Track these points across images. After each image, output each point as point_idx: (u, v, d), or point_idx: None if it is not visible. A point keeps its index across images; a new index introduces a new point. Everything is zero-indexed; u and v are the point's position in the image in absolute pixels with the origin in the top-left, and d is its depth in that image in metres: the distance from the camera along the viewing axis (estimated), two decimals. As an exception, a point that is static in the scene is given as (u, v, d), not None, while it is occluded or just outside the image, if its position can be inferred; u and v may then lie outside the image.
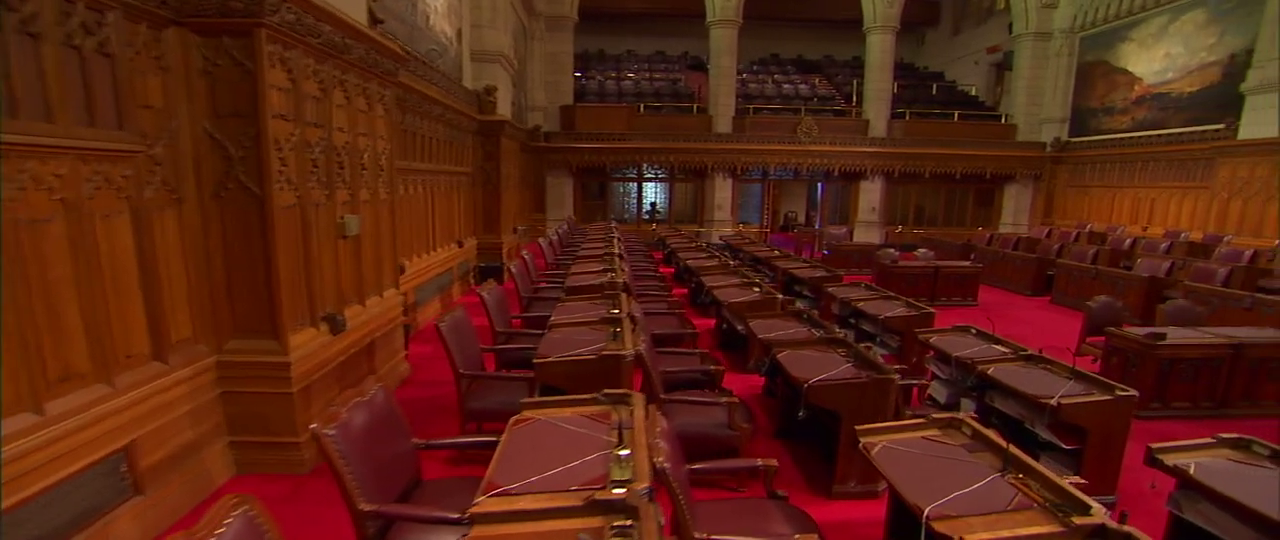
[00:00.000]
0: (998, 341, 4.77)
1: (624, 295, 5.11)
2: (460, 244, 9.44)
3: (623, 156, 16.71)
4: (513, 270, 6.23)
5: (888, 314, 5.88)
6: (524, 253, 7.39)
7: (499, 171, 10.34)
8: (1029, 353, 4.40)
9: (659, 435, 2.42)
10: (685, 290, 9.74)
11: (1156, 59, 14.38)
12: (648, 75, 20.66)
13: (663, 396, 3.64)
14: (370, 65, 4.59)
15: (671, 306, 6.62)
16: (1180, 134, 13.66)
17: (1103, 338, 5.57)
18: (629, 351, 3.51)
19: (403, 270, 6.78)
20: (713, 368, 4.36)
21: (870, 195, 17.15)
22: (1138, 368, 5.14)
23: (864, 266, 12.48)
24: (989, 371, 4.16)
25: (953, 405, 4.94)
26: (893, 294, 6.66)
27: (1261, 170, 11.74)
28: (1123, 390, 3.62)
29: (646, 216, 18.11)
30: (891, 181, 17.22)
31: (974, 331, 5.09)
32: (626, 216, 18.18)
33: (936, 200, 17.96)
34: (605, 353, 3.49)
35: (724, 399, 3.58)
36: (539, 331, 4.61)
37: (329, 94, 4.07)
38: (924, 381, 4.37)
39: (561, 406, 2.80)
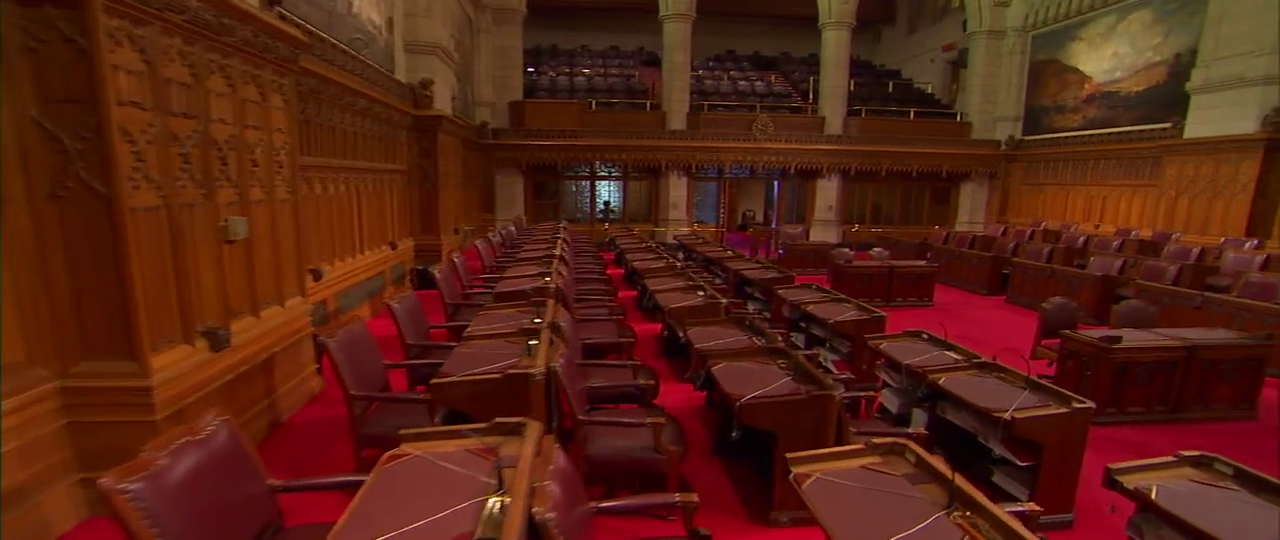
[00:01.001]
0: (950, 347, 4.53)
1: (552, 302, 4.74)
2: (394, 246, 8.94)
3: (574, 154, 16.31)
4: (437, 275, 5.80)
5: (838, 318, 5.63)
6: (454, 255, 6.96)
7: (437, 169, 9.86)
8: (982, 360, 4.17)
9: (550, 475, 2.06)
10: (634, 293, 9.41)
11: (1105, 58, 14.58)
12: (601, 71, 20.27)
13: (582, 418, 3.29)
14: (262, 50, 4.13)
15: (613, 312, 6.28)
16: (1129, 132, 13.85)
17: (1058, 340, 5.41)
18: (538, 369, 3.14)
19: (319, 276, 6.30)
20: (644, 382, 4.02)
21: (827, 194, 17.07)
22: (1093, 372, 4.98)
23: (820, 266, 12.31)
24: (940, 381, 3.92)
25: (904, 416, 4.70)
26: (844, 296, 6.43)
27: (1206, 169, 11.93)
28: (1079, 402, 3.39)
29: (600, 216, 17.73)
30: (848, 180, 17.17)
31: (926, 336, 4.85)
32: (580, 216, 17.78)
33: (893, 199, 17.98)
34: (512, 371, 3.12)
35: (650, 419, 3.24)
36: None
37: (203, 80, 3.61)
38: (868, 393, 4.10)
39: (445, 439, 2.43)
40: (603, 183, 17.88)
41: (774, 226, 16.67)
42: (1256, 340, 5.22)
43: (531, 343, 3.65)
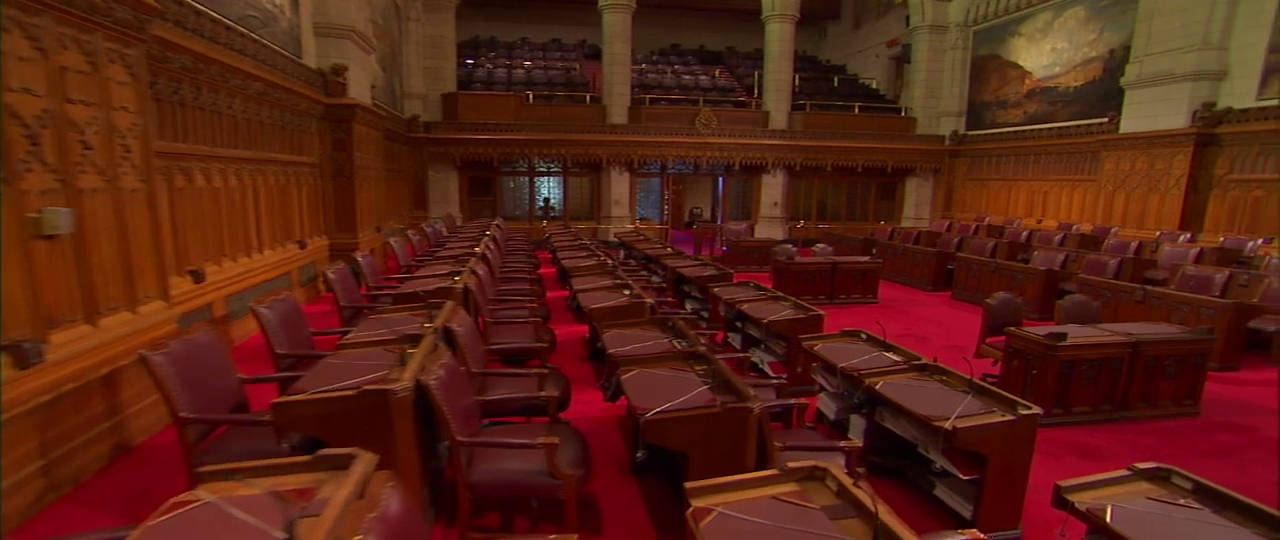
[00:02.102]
0: (890, 348, 4.21)
1: (451, 305, 4.25)
2: (303, 245, 8.27)
3: (511, 149, 15.72)
4: (330, 276, 5.23)
5: (772, 317, 5.28)
6: (361, 255, 6.38)
7: (352, 162, 9.19)
8: (923, 362, 3.85)
9: (372, 525, 1.60)
10: (567, 293, 8.93)
11: (1044, 54, 14.75)
12: (542, 64, 19.72)
13: (462, 439, 2.82)
14: (87, 10, 3.53)
15: (533, 314, 5.81)
16: (1067, 127, 14.03)
17: (1003, 338, 5.16)
18: (403, 383, 2.66)
19: (200, 277, 5.66)
20: (548, 393, 3.56)
21: (772, 189, 16.89)
22: (1039, 371, 4.74)
23: (764, 263, 12.09)
24: (877, 386, 3.58)
25: (842, 423, 4.37)
26: (781, 294, 6.09)
27: (1141, 163, 12.10)
28: (1026, 407, 3.09)
29: (540, 214, 17.18)
30: (793, 175, 17.03)
31: (864, 336, 4.53)
32: (519, 214, 17.19)
33: (839, 195, 17.93)
34: (369, 386, 2.63)
35: (541, 439, 2.79)
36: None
37: (-3, 40, 3.00)
38: (796, 401, 3.74)
39: (258, 477, 1.93)
40: (542, 179, 17.33)
41: (718, 223, 16.38)
42: (1199, 334, 5.07)
43: (407, 351, 3.16)
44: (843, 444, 3.07)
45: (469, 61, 19.25)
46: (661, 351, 3.75)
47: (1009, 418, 3.03)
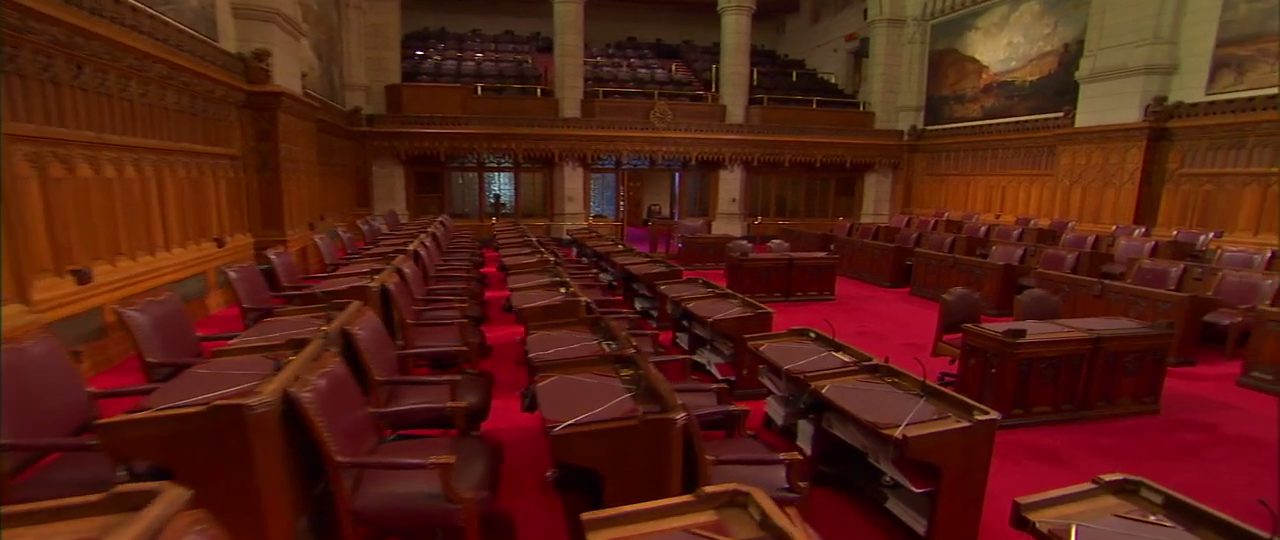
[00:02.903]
0: (840, 348, 3.95)
1: (356, 306, 3.85)
2: (221, 243, 7.72)
3: (459, 143, 15.22)
4: (230, 276, 4.77)
5: (718, 316, 4.99)
6: (271, 253, 5.91)
7: (278, 155, 8.65)
8: (874, 363, 3.59)
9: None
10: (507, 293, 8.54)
11: (1000, 48, 14.84)
12: (494, 56, 19.26)
13: (342, 460, 2.44)
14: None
15: (463, 315, 5.42)
16: (1024, 122, 14.12)
17: (960, 335, 4.96)
18: (262, 399, 2.28)
19: (85, 278, 5.14)
20: (457, 403, 3.20)
21: (730, 185, 16.69)
22: (998, 369, 4.54)
23: (720, 261, 11.83)
24: (824, 390, 3.30)
25: (790, 429, 4.10)
26: (730, 292, 5.81)
27: (1097, 157, 12.20)
28: (982, 413, 2.83)
29: (491, 211, 16.69)
30: (751, 171, 16.86)
31: (813, 335, 4.27)
32: (469, 211, 16.67)
33: (798, 191, 17.84)
34: (221, 402, 2.24)
35: (434, 458, 2.43)
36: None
37: None
38: (741, 408, 3.44)
39: (41, 522, 1.54)
40: (493, 175, 16.85)
41: (675, 219, 16.12)
42: (1159, 329, 4.94)
43: (288, 358, 2.77)
44: (783, 456, 2.78)
45: (418, 52, 18.70)
46: (588, 355, 3.42)
47: (964, 424, 2.77)
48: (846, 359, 3.73)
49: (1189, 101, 11.01)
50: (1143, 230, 10.96)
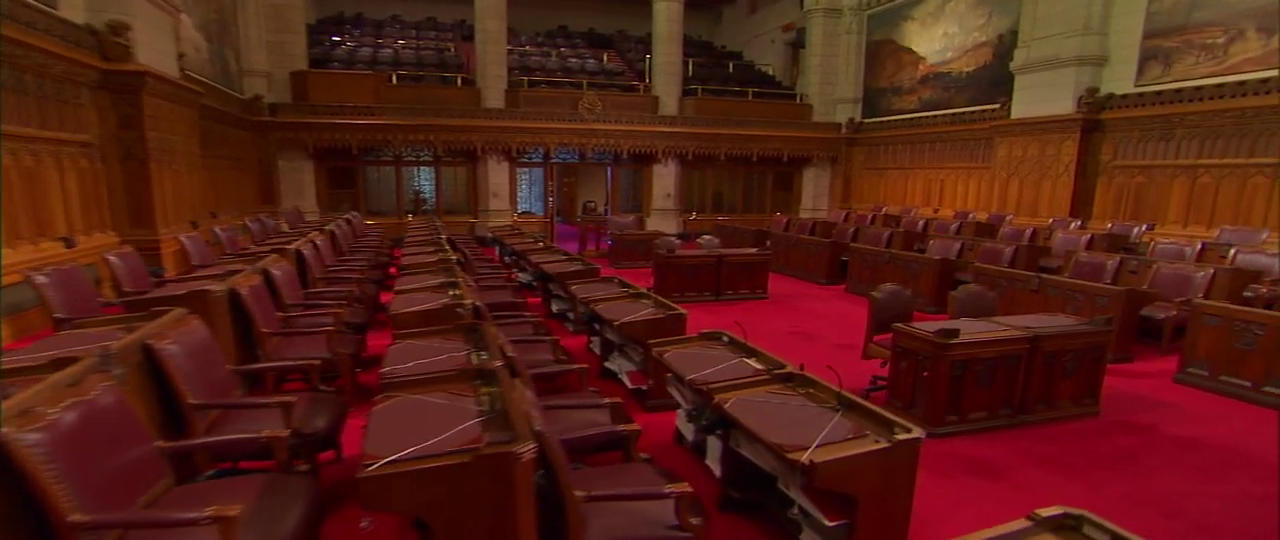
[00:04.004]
0: (752, 353, 3.55)
1: (178, 314, 3.25)
2: (69, 243, 6.87)
3: (372, 135, 14.39)
4: (38, 281, 4.08)
5: (626, 319, 4.54)
6: (111, 255, 5.19)
7: (144, 143, 7.82)
8: (788, 370, 3.20)
9: None
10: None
11: (936, 39, 14.88)
12: (414, 43, 18.44)
13: (75, 519, 1.88)
14: None
15: (338, 321, 4.83)
16: (961, 114, 14.18)
17: (891, 335, 4.64)
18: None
19: None
20: (268, 435, 2.65)
21: (664, 180, 16.32)
22: (930, 372, 4.22)
23: (651, 258, 11.43)
24: (728, 403, 2.88)
25: (700, 447, 3.68)
26: (645, 292, 5.38)
27: (1032, 149, 12.28)
28: (904, 430, 2.45)
29: (411, 208, 15.88)
30: (686, 165, 16.52)
31: (726, 339, 3.86)
32: (386, 208, 15.83)
33: (734, 186, 17.60)
34: None
35: (211, 512, 1.90)
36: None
37: None
38: (633, 428, 2.99)
39: None
40: (413, 169, 16.04)
41: (606, 216, 15.65)
42: (1097, 326, 4.72)
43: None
44: (670, 489, 2.33)
45: (333, 38, 17.74)
46: (449, 368, 2.91)
47: (882, 445, 2.38)
48: (758, 367, 3.33)
49: (1119, 93, 11.15)
50: (1079, 223, 11.04)
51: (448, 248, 7.72)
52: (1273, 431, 4.60)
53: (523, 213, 17.56)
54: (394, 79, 15.01)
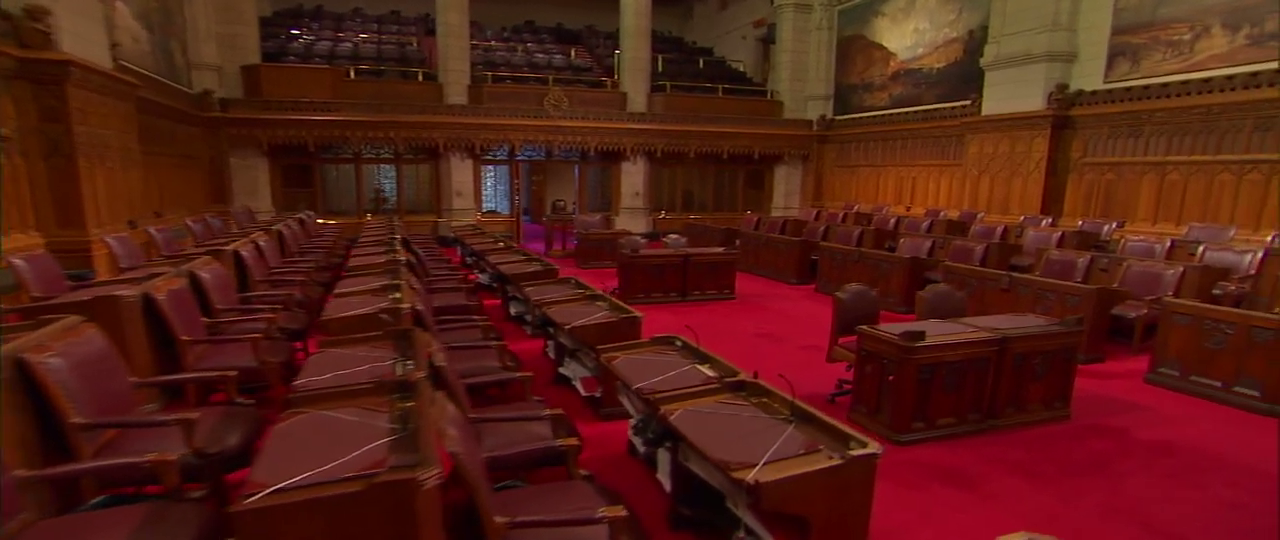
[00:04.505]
0: (706, 359, 3.36)
1: (71, 321, 2.97)
2: (-16, 246, 6.47)
3: (330, 131, 13.99)
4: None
5: (578, 322, 4.32)
6: (16, 258, 4.84)
7: (71, 138, 7.40)
8: (740, 378, 3.01)
9: None
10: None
11: (907, 35, 14.85)
12: (376, 37, 18.04)
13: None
14: None
15: (271, 328, 4.56)
16: (932, 111, 14.15)
17: (856, 337, 4.48)
18: None
19: None
20: (152, 459, 2.39)
21: (633, 178, 16.10)
22: (896, 376, 4.06)
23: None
24: (675, 415, 2.68)
25: (652, 459, 3.48)
26: (601, 294, 5.17)
27: (1003, 146, 12.27)
28: (860, 445, 2.27)
29: (371, 207, 15.49)
30: (655, 163, 16.32)
31: (679, 344, 3.66)
32: (346, 207, 15.42)
33: (705, 184, 17.45)
34: None
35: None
36: None
37: None
38: (571, 443, 2.77)
39: None
40: (374, 167, 15.64)
41: (573, 215, 15.39)
42: (1068, 326, 4.61)
43: None
44: (603, 513, 2.12)
45: (291, 31, 17.28)
46: (369, 379, 2.67)
47: (834, 462, 2.19)
48: (710, 374, 3.13)
49: (1089, 89, 11.17)
50: (1049, 220, 11.04)
51: (399, 248, 7.43)
52: (1243, 433, 4.53)
53: (488, 212, 17.26)
54: (352, 74, 14.62)
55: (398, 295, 4.52)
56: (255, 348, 4.05)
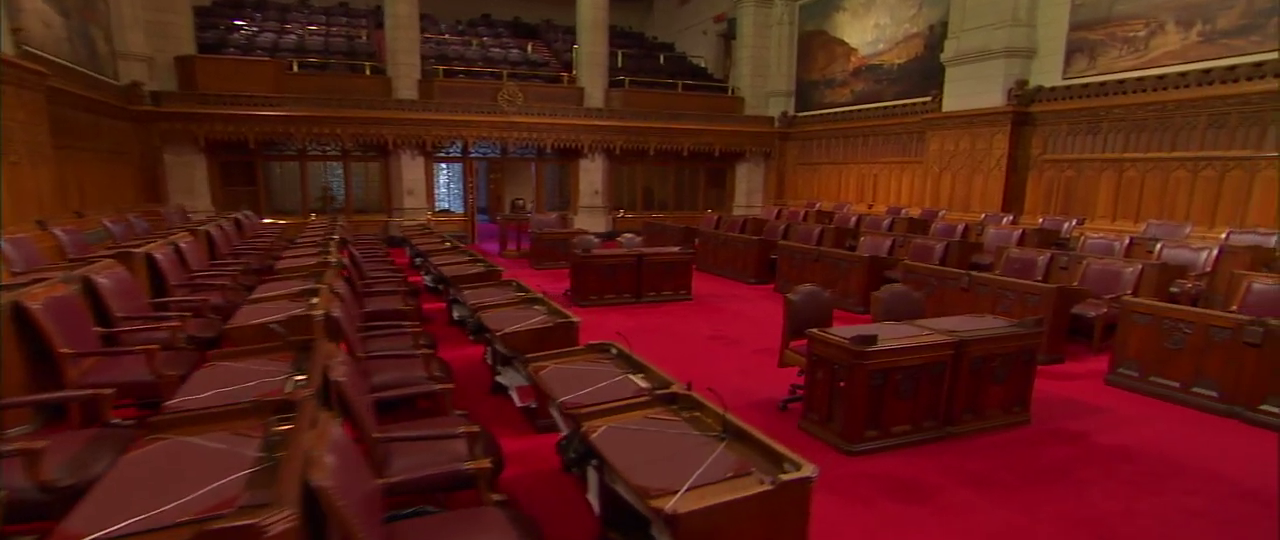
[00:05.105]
0: (641, 369, 3.13)
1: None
2: None
3: (272, 127, 13.46)
4: None
5: (510, 328, 4.06)
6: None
7: (-30, 133, 6.93)
8: (673, 390, 2.78)
9: None
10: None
11: (868, 30, 14.83)
12: (323, 29, 17.51)
13: None
14: None
15: (174, 338, 4.21)
16: (893, 107, 14.14)
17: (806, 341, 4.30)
18: None
19: None
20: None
21: (592, 176, 15.84)
22: (847, 383, 3.88)
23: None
24: (597, 432, 2.44)
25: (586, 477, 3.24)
26: (541, 296, 4.92)
27: (964, 143, 12.29)
28: (794, 466, 2.06)
29: (317, 206, 14.96)
30: (614, 160, 16.07)
31: (614, 352, 3.43)
32: (292, 206, 14.88)
33: (665, 182, 17.27)
34: None
35: None
36: None
37: None
38: (482, 465, 2.52)
39: None
40: (322, 165, 15.11)
41: (529, 213, 15.07)
42: (1027, 327, 4.48)
43: None
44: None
45: (235, 21, 16.67)
46: (247, 399, 2.39)
47: (764, 488, 1.97)
48: (643, 385, 2.91)
49: (1048, 85, 11.22)
50: (1010, 218, 11.05)
51: (334, 249, 7.08)
52: (1202, 436, 4.45)
53: (442, 211, 16.86)
54: (295, 67, 14.11)
55: (315, 301, 4.21)
56: (150, 360, 3.71)
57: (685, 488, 1.98)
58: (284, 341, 3.10)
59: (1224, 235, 8.36)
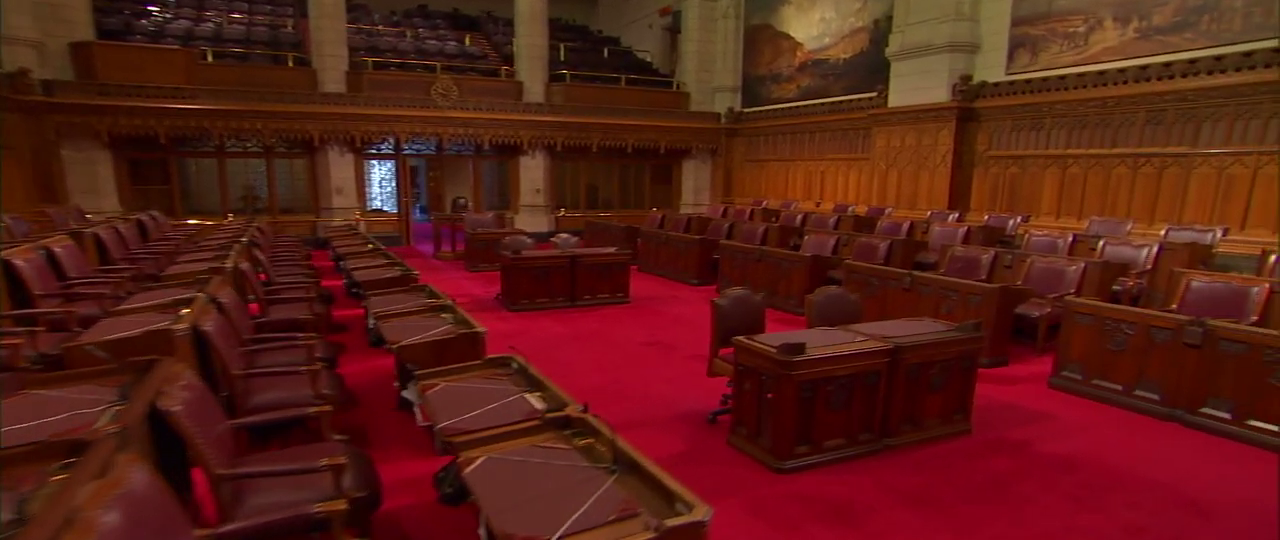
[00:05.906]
0: (540, 387, 2.83)
1: None
2: None
3: (185, 121, 12.72)
4: None
5: (409, 340, 3.72)
6: None
7: None
8: (568, 413, 2.48)
9: None
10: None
11: (814, 24, 14.78)
12: (245, 18, 16.72)
13: None
14: None
15: (11, 357, 3.75)
16: (839, 103, 14.10)
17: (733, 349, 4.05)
18: None
19: None
20: None
21: (532, 173, 15.45)
22: (775, 394, 3.64)
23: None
24: (474, 464, 2.13)
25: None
26: (450, 304, 4.56)
27: (910, 139, 12.28)
28: (685, 507, 1.78)
29: (239, 206, 14.23)
30: (556, 157, 15.72)
31: (516, 366, 3.11)
32: (212, 206, 14.10)
33: (610, 179, 16.98)
34: None
35: None
36: None
37: None
38: (334, 508, 2.19)
39: None
40: (240, 162, 14.37)
41: (465, 213, 14.61)
42: (966, 332, 4.30)
43: None
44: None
45: (151, 9, 15.79)
46: (54, 435, 2.01)
47: (646, 535, 1.69)
48: (536, 406, 2.60)
49: (992, 81, 11.27)
50: (956, 215, 11.06)
51: (235, 253, 6.59)
52: (1144, 443, 4.35)
53: (375, 211, 16.27)
54: (209, 56, 13.38)
55: (186, 311, 3.79)
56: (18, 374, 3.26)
57: (557, 536, 1.68)
58: (116, 365, 2.70)
59: (1163, 232, 8.43)
